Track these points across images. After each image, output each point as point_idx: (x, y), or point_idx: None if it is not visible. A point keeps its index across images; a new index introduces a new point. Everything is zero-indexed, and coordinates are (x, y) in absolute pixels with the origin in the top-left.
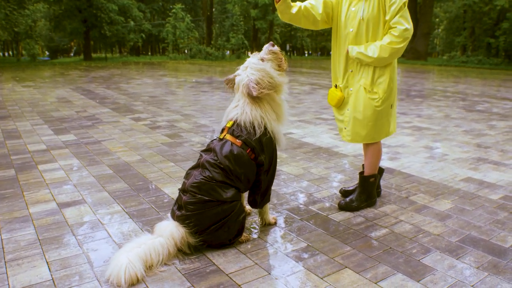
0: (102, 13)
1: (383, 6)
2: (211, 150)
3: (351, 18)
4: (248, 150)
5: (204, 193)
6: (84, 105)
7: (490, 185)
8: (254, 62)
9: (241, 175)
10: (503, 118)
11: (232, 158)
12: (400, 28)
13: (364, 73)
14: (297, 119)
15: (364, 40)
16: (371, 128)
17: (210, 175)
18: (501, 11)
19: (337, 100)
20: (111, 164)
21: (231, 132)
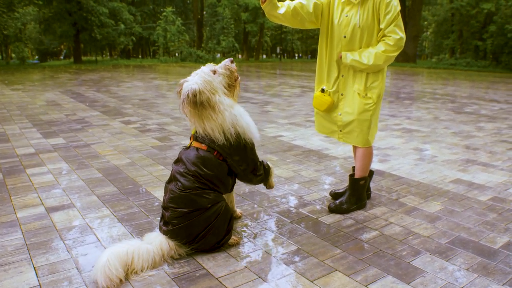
0: (93, 16)
1: (377, 14)
2: (180, 160)
3: (344, 24)
4: (215, 153)
5: (183, 206)
6: (74, 108)
7: (479, 187)
8: (204, 72)
9: (213, 178)
10: (491, 119)
11: (200, 163)
12: (395, 37)
13: (357, 78)
14: (287, 122)
15: (357, 46)
16: (366, 132)
17: (183, 186)
18: (488, 15)
19: (327, 105)
20: (100, 168)
21: (195, 138)
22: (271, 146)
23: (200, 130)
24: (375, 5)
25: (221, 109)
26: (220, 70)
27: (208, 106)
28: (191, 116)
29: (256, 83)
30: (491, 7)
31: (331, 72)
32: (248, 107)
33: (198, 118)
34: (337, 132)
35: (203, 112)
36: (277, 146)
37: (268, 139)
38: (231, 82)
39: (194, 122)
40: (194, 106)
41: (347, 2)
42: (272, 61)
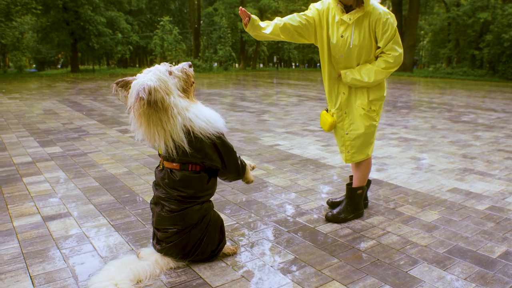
0: (90, 25)
1: (373, 32)
2: (159, 185)
3: (340, 44)
4: (190, 167)
5: (173, 226)
6: (71, 117)
7: (476, 196)
8: (160, 70)
9: (197, 193)
10: (488, 129)
11: (178, 185)
12: (395, 54)
13: (359, 94)
14: (284, 131)
15: (355, 64)
16: (371, 144)
17: (170, 209)
18: (484, 24)
19: (329, 125)
20: (97, 177)
21: (165, 158)
22: (268, 155)
23: (145, 138)
24: (371, 25)
25: (174, 113)
26: (176, 72)
27: (161, 107)
28: (139, 118)
29: (253, 92)
30: (487, 17)
31: (332, 91)
32: (245, 116)
33: (146, 123)
34: (344, 153)
35: (153, 115)
36: (274, 155)
37: (265, 148)
38: (186, 87)
39: (140, 127)
40: (146, 106)
41: (341, 22)
42: (269, 70)
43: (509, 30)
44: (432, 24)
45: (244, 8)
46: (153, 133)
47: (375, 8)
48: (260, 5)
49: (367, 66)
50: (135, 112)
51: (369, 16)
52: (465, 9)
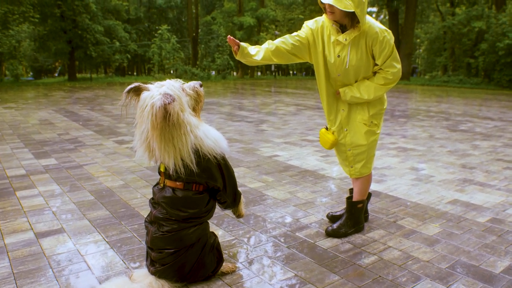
0: (88, 34)
1: (370, 51)
2: (158, 204)
3: (337, 64)
4: (194, 186)
5: (169, 246)
6: (67, 127)
7: (477, 207)
8: (174, 85)
9: (197, 213)
10: (486, 138)
11: (180, 205)
12: (393, 71)
13: (359, 110)
14: (282, 141)
15: (353, 81)
16: (372, 157)
17: (167, 229)
18: (479, 33)
19: (331, 144)
20: (92, 190)
21: (168, 176)
22: (267, 167)
23: (157, 152)
24: (368, 44)
25: (187, 131)
26: (188, 90)
27: (175, 123)
28: (153, 133)
29: (251, 101)
30: (482, 26)
31: (331, 109)
32: (243, 126)
33: (158, 138)
34: (348, 168)
35: (166, 131)
36: (272, 166)
37: (263, 159)
38: (196, 106)
39: (153, 142)
40: (161, 120)
41: (337, 42)
42: (266, 79)
43: (503, 38)
44: (428, 33)
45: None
46: (164, 149)
47: (372, 26)
48: (257, 14)
49: (365, 82)
50: (150, 125)
51: (365, 35)
52: (460, 18)
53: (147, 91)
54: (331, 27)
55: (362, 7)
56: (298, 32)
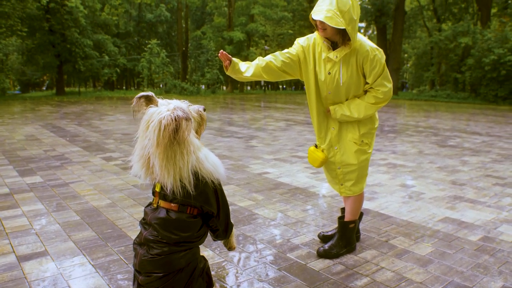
0: (77, 48)
1: (361, 69)
2: (149, 225)
3: (328, 81)
4: (188, 209)
5: (158, 270)
6: (53, 143)
7: (468, 225)
8: (181, 105)
9: (190, 237)
10: (474, 153)
11: (173, 227)
12: (384, 90)
13: (350, 128)
14: (272, 158)
15: (344, 99)
16: (364, 177)
17: (157, 252)
18: (465, 48)
19: (320, 162)
20: (78, 210)
21: (162, 197)
22: (257, 184)
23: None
24: (358, 62)
25: (189, 151)
26: (193, 113)
27: (181, 141)
28: (157, 149)
29: (240, 116)
30: (468, 41)
31: (321, 126)
32: (233, 142)
33: (162, 155)
34: (338, 185)
35: (170, 148)
36: (262, 184)
37: (253, 177)
38: (198, 129)
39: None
40: (169, 137)
41: (328, 59)
42: (256, 93)
43: (489, 54)
44: (415, 48)
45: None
46: (165, 167)
47: (363, 44)
48: (247, 29)
49: (356, 101)
50: (155, 140)
51: (356, 53)
52: (447, 34)
53: (155, 107)
54: (323, 44)
55: (353, 24)
56: (289, 49)
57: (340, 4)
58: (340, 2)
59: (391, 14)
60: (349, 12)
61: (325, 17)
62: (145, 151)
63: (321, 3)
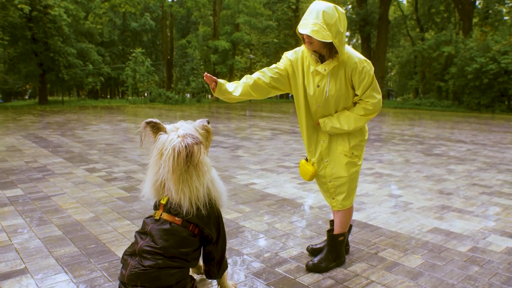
0: (60, 56)
1: (349, 81)
2: (147, 234)
3: (317, 94)
4: (191, 227)
5: (145, 284)
6: (35, 154)
7: (457, 236)
8: (189, 128)
9: (187, 255)
10: (460, 162)
11: (174, 241)
12: (373, 102)
13: (340, 141)
14: (259, 168)
15: (333, 111)
16: (354, 190)
17: (150, 264)
18: (448, 57)
19: (310, 176)
20: (60, 224)
21: (167, 210)
22: (243, 196)
23: (173, 193)
24: (347, 74)
25: (204, 171)
26: (200, 130)
27: (197, 162)
28: (173, 175)
29: (226, 125)
30: (451, 50)
31: (311, 140)
32: (219, 152)
33: (177, 179)
34: (330, 199)
35: (186, 173)
36: (249, 195)
37: (240, 188)
38: (206, 143)
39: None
40: (183, 161)
41: (316, 72)
42: (241, 102)
43: (471, 63)
44: (399, 57)
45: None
46: (181, 190)
47: (351, 56)
48: (232, 38)
49: (346, 113)
50: (171, 167)
51: (344, 65)
52: (430, 43)
53: (165, 134)
54: (310, 57)
55: (340, 37)
56: (277, 64)
57: (327, 17)
58: (327, 15)
59: (375, 23)
60: (336, 25)
61: (311, 31)
62: (160, 177)
63: (307, 16)
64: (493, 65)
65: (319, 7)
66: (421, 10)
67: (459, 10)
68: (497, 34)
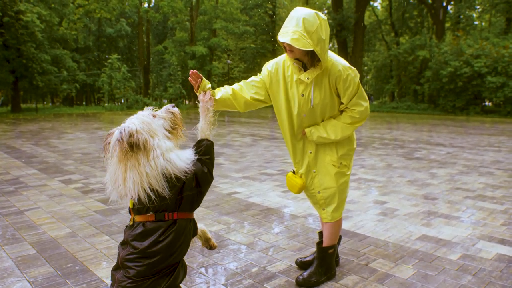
0: (34, 63)
1: (334, 89)
2: (127, 243)
3: (302, 104)
4: (166, 216)
5: None
6: (7, 165)
7: (446, 243)
8: (143, 114)
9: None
10: (441, 165)
11: (152, 240)
12: (360, 109)
13: (327, 150)
14: (241, 176)
15: (319, 120)
16: (344, 200)
17: (134, 273)
18: (423, 61)
19: (298, 188)
20: (34, 242)
21: (136, 212)
22: (227, 206)
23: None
24: (331, 82)
25: (155, 155)
26: (160, 114)
27: (143, 149)
28: (118, 164)
29: None
30: (425, 54)
31: (296, 151)
32: None
33: (123, 168)
34: (320, 211)
35: (132, 158)
36: (232, 205)
37: (223, 197)
38: (174, 126)
39: (118, 176)
40: (126, 150)
41: (300, 81)
42: None
43: (446, 67)
44: (375, 61)
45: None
46: (129, 178)
47: (335, 64)
48: (210, 43)
49: (332, 122)
50: (114, 158)
51: (328, 73)
52: (405, 47)
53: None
54: (293, 65)
55: (322, 45)
56: (255, 76)
57: (307, 25)
58: (307, 22)
59: (351, 28)
60: (317, 32)
61: (291, 39)
62: (115, 175)
63: (287, 23)
64: (466, 69)
65: (300, 14)
66: (395, 15)
67: (431, 15)
68: (469, 39)
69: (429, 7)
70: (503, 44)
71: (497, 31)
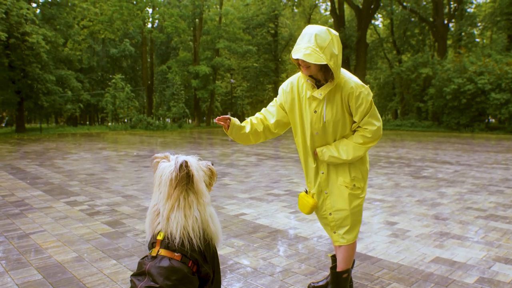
0: (39, 83)
1: (347, 107)
2: (145, 274)
3: (314, 121)
4: (190, 263)
5: None
6: (12, 187)
7: (461, 266)
8: (191, 159)
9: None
10: (450, 184)
11: (176, 278)
12: (372, 129)
13: (340, 171)
14: (247, 197)
15: (331, 139)
16: (359, 223)
17: None
18: (426, 78)
19: (310, 208)
20: (40, 266)
21: (165, 246)
22: (235, 228)
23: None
24: (344, 99)
25: (205, 201)
26: (204, 168)
27: (197, 189)
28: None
29: (210, 151)
30: (428, 72)
31: (309, 170)
32: None
33: (171, 204)
34: (331, 234)
35: (183, 199)
36: (240, 227)
37: (230, 219)
38: (208, 183)
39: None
40: (182, 182)
41: (312, 98)
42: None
43: (449, 84)
44: (377, 79)
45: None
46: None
47: (347, 81)
48: (213, 63)
49: (344, 141)
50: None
51: (341, 89)
52: (408, 65)
53: (164, 162)
54: (306, 82)
55: (335, 59)
56: (272, 102)
57: (320, 41)
58: (319, 38)
59: (353, 46)
60: (330, 47)
61: (303, 54)
62: (157, 206)
63: (299, 41)
64: (470, 86)
65: (311, 31)
66: (397, 33)
67: (433, 33)
68: (472, 56)
69: (430, 24)
70: (506, 60)
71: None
